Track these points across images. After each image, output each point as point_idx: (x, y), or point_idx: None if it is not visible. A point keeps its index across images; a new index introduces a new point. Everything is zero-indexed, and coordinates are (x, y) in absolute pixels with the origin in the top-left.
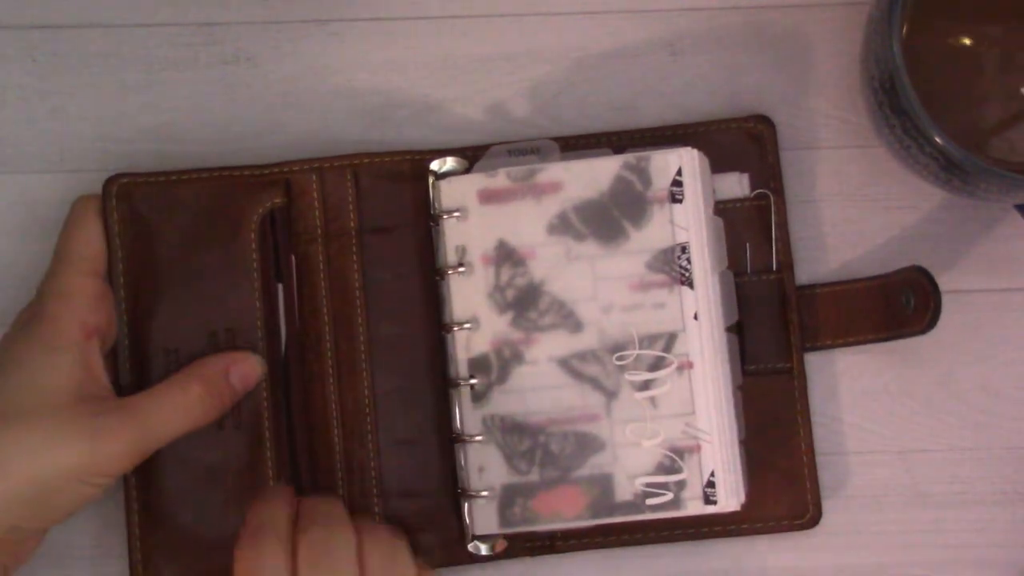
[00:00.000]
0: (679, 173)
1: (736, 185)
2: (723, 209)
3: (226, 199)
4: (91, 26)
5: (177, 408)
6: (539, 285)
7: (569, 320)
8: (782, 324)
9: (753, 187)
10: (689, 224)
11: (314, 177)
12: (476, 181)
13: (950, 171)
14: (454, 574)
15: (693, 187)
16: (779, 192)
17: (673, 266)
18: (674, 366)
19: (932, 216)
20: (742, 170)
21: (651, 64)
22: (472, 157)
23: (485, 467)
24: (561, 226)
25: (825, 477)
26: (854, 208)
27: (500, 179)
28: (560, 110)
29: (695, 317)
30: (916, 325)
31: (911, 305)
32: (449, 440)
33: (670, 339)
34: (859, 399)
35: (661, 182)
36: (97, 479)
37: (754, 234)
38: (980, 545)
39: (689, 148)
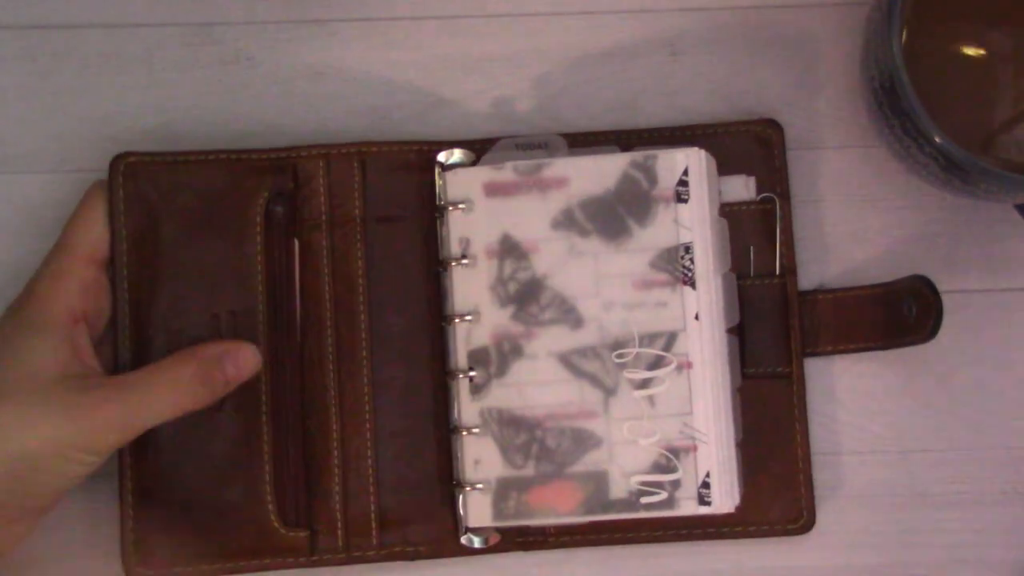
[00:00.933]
0: (685, 173)
1: (742, 188)
2: (728, 211)
3: (233, 182)
4: (91, 26)
5: (165, 388)
6: (541, 280)
7: (570, 316)
8: (783, 329)
9: (759, 190)
10: (693, 224)
11: (321, 163)
12: (482, 174)
13: (950, 171)
14: (447, 567)
15: (699, 187)
16: (785, 196)
17: (676, 266)
18: (673, 365)
19: (932, 216)
20: (749, 173)
21: (651, 64)
22: (479, 150)
23: (481, 459)
24: (566, 222)
25: (825, 477)
26: (854, 208)
27: (506, 172)
28: (560, 110)
29: (696, 317)
30: (918, 334)
31: (913, 314)
32: (446, 431)
33: (670, 338)
34: (859, 399)
35: (667, 181)
36: (79, 455)
37: (758, 237)
38: (980, 545)
39: (696, 148)
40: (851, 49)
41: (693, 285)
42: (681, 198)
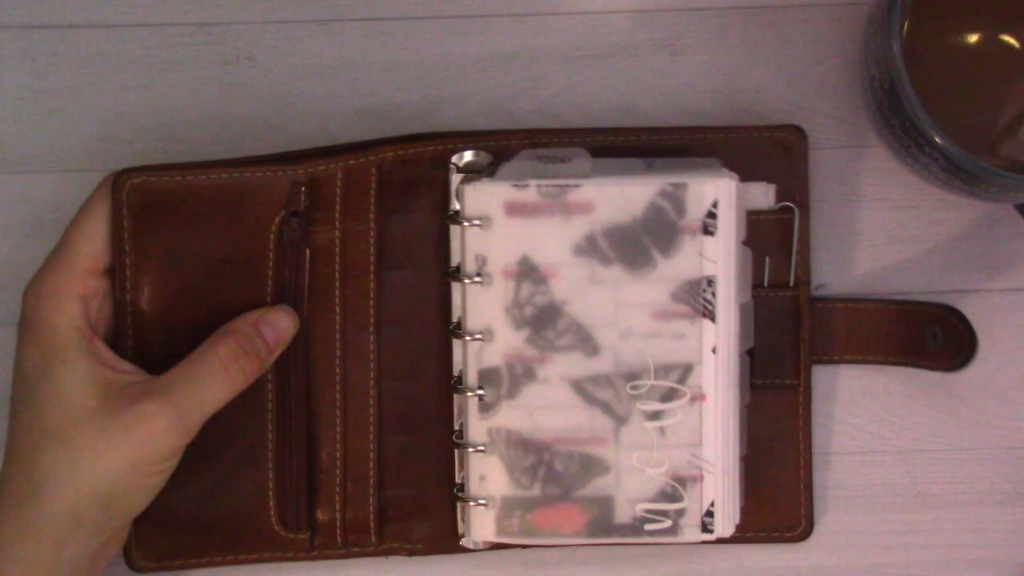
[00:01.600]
0: (715, 205)
1: (762, 196)
2: (747, 220)
3: (246, 199)
4: (91, 26)
5: (212, 374)
6: (559, 306)
7: (586, 343)
8: (793, 341)
9: (779, 198)
10: (718, 257)
11: (339, 175)
12: (503, 192)
13: (950, 171)
14: (446, 562)
15: (727, 220)
16: (804, 205)
17: (697, 298)
18: (687, 398)
19: (932, 216)
20: (769, 180)
21: (651, 64)
22: (494, 148)
23: (486, 476)
24: (588, 248)
25: (825, 477)
26: (854, 208)
27: (530, 193)
28: (560, 110)
29: (713, 351)
30: (943, 363)
31: (938, 342)
32: (452, 440)
33: (685, 370)
34: (859, 399)
35: (695, 212)
36: (152, 467)
37: (775, 247)
38: (980, 545)
39: (728, 179)
40: (851, 49)
41: (713, 318)
42: (708, 230)
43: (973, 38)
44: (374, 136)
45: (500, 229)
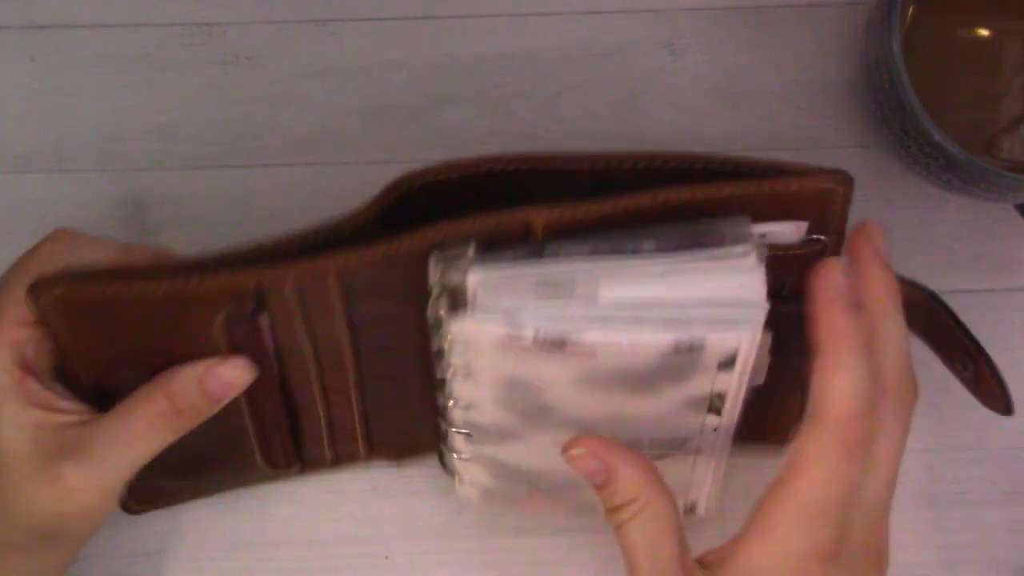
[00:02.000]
0: (735, 350)
1: (792, 233)
2: (772, 256)
3: (184, 305)
4: (91, 26)
5: (139, 433)
6: (551, 408)
7: (579, 428)
8: (802, 357)
9: (811, 231)
10: (732, 380)
11: (290, 281)
12: (494, 332)
13: (950, 171)
14: (442, 563)
15: (746, 362)
16: (839, 239)
17: (705, 404)
18: (679, 456)
19: (932, 216)
20: (802, 218)
21: (651, 64)
22: (481, 232)
23: (470, 472)
24: (589, 381)
25: None
26: (854, 208)
27: (524, 342)
28: (560, 110)
29: (715, 430)
30: (984, 399)
31: (968, 370)
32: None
33: (681, 442)
34: None
35: (712, 359)
36: (83, 518)
37: (796, 276)
38: (980, 545)
39: (752, 330)
40: (851, 49)
41: (719, 413)
42: (723, 367)
43: (973, 38)
44: (374, 136)
45: (488, 358)
